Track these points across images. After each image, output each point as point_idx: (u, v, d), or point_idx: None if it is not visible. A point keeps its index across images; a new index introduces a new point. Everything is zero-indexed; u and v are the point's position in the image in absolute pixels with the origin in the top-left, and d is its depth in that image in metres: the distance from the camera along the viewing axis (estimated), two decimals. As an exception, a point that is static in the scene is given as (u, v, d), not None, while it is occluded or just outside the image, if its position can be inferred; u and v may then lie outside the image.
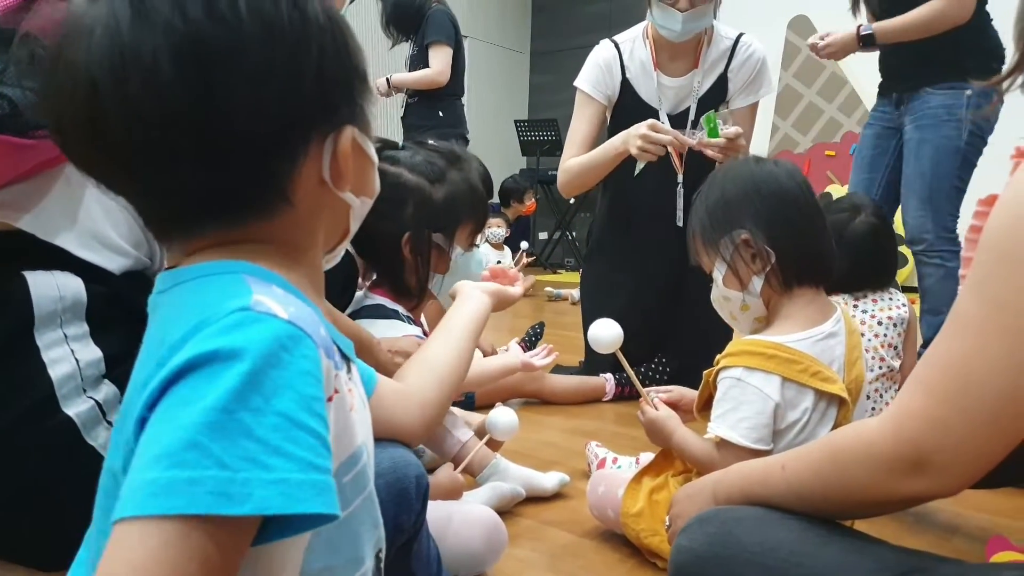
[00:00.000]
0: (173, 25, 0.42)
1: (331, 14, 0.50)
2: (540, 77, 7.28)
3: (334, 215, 0.55)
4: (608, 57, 2.05)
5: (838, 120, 5.26)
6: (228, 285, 0.45)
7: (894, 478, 0.65)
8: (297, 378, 0.41)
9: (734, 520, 0.83)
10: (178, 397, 0.39)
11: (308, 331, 0.44)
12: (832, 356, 0.99)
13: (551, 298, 4.44)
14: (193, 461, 0.37)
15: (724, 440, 0.98)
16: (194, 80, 0.43)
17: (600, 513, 1.18)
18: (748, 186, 1.04)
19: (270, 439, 0.39)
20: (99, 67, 0.42)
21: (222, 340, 0.40)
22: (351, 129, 0.52)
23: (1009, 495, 1.38)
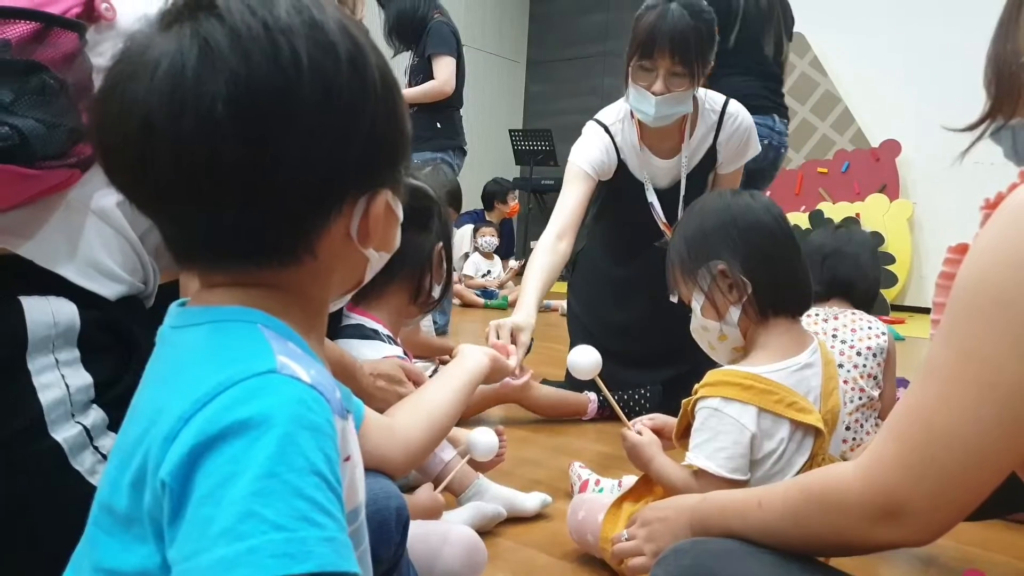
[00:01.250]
0: (236, 72, 0.43)
1: (387, 80, 0.51)
2: (536, 87, 7.30)
3: (352, 267, 0.56)
4: (605, 144, 1.99)
5: (831, 138, 5.29)
6: (247, 339, 0.46)
7: (867, 525, 0.65)
8: (323, 440, 0.43)
9: (709, 553, 0.83)
10: (221, 473, 0.39)
11: (327, 396, 0.45)
12: (808, 387, 1.00)
13: (540, 309, 4.43)
14: (250, 531, 0.38)
15: (702, 470, 0.99)
16: (248, 129, 0.44)
17: (579, 537, 1.18)
18: (725, 218, 1.06)
19: (316, 498, 0.40)
20: (157, 104, 0.43)
21: (253, 406, 0.41)
22: (387, 192, 0.53)
23: (987, 526, 1.38)
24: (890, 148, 4.98)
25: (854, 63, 5.16)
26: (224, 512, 0.38)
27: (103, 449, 0.80)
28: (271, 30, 0.44)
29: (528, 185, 6.41)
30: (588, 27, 6.71)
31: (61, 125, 0.74)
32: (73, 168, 0.77)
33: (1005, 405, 0.58)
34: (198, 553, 0.38)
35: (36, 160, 0.73)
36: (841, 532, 0.68)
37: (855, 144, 5.15)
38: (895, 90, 4.94)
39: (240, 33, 0.44)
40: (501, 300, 4.53)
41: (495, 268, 4.84)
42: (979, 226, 0.64)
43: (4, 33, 0.72)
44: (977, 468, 0.60)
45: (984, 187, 2.20)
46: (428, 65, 3.23)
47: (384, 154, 0.52)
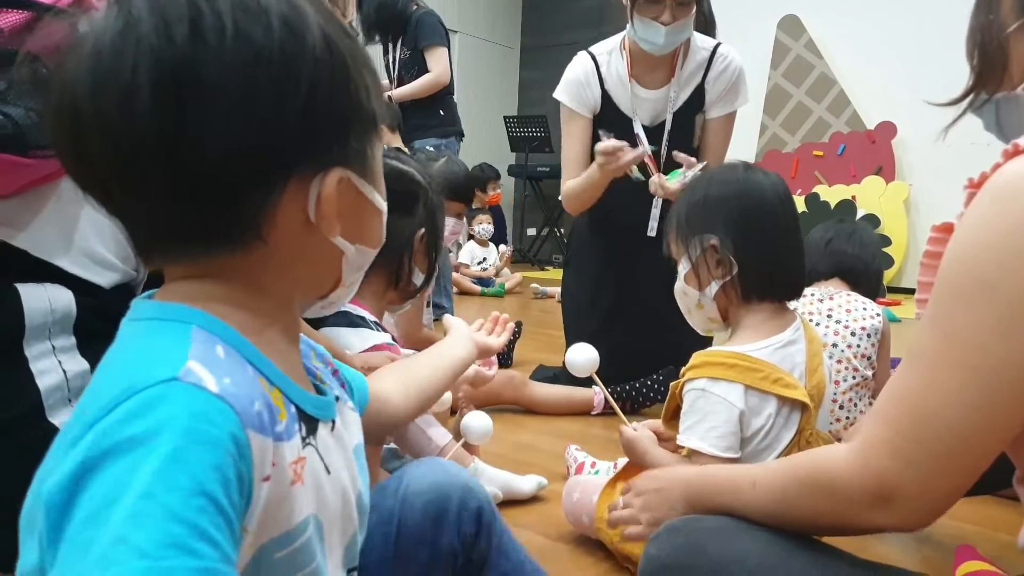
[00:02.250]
0: (153, 44, 0.41)
1: (334, 46, 0.46)
2: (530, 73, 7.27)
3: (322, 260, 0.52)
4: (586, 70, 2.04)
5: (826, 120, 5.28)
6: (170, 340, 0.44)
7: (859, 510, 0.65)
8: (219, 456, 0.39)
9: (702, 530, 0.84)
10: (104, 494, 0.36)
11: (237, 407, 0.41)
12: (793, 363, 1.01)
13: (537, 295, 4.44)
14: (116, 558, 0.35)
15: (695, 451, 0.99)
16: (168, 105, 0.41)
17: (575, 518, 1.19)
18: (730, 191, 1.05)
19: (197, 522, 0.36)
20: (82, 85, 0.42)
21: (145, 421, 0.38)
22: (339, 171, 0.48)
23: (979, 503, 1.39)
24: (886, 130, 4.97)
25: (849, 45, 5.14)
26: (102, 537, 0.35)
27: None
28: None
29: (524, 172, 6.40)
30: (582, 13, 6.67)
31: None
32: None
33: (988, 387, 0.58)
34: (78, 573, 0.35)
35: (30, 149, 0.74)
36: (834, 516, 0.68)
37: (851, 127, 5.14)
38: (891, 72, 4.92)
39: (160, 1, 0.41)
40: (498, 288, 4.53)
41: (491, 256, 4.84)
42: (963, 205, 0.63)
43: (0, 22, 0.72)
44: (964, 451, 0.60)
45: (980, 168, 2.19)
46: (421, 57, 3.22)
47: (330, 127, 0.47)
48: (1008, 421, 0.59)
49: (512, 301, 4.36)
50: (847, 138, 5.13)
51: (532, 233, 6.70)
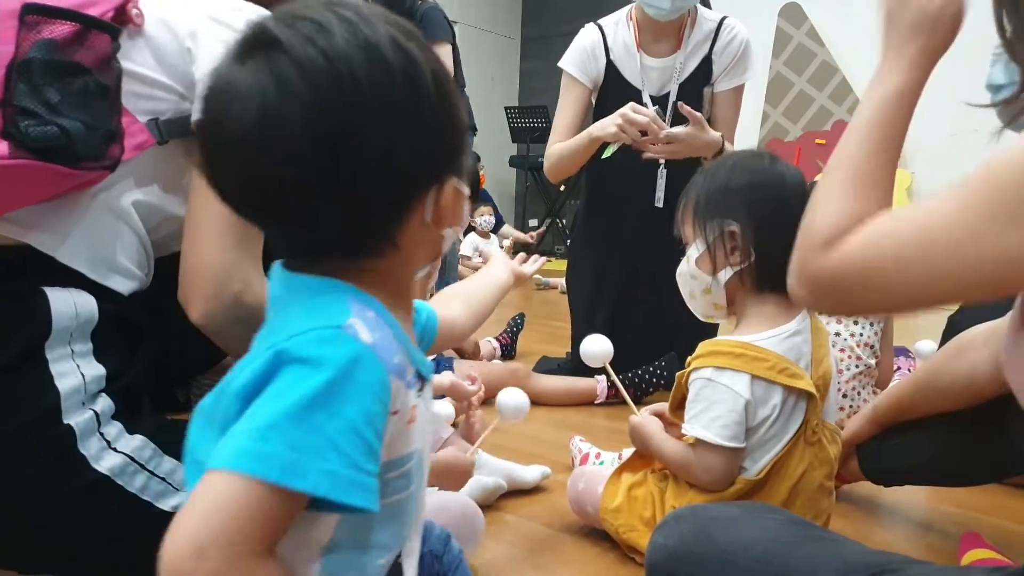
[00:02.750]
0: (307, 101, 0.49)
1: (441, 83, 0.55)
2: (531, 63, 7.24)
3: (431, 246, 0.62)
4: (593, 40, 2.05)
5: (828, 108, 5.25)
6: (333, 302, 0.54)
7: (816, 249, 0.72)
8: (365, 394, 0.50)
9: (709, 519, 0.84)
10: (277, 387, 0.49)
11: (383, 357, 0.52)
12: (799, 353, 1.00)
13: (539, 286, 4.44)
14: (272, 439, 0.47)
15: (699, 440, 0.99)
16: (324, 149, 0.50)
17: (579, 509, 1.19)
18: (755, 180, 1.03)
19: (333, 438, 0.48)
20: (250, 136, 0.50)
21: (314, 350, 0.49)
22: (454, 181, 0.59)
23: (985, 491, 1.40)
24: (888, 118, 4.95)
25: (852, 33, 5.10)
26: (263, 417, 0.47)
27: (108, 436, 0.81)
28: (332, 60, 0.50)
29: (525, 163, 6.38)
30: (583, 2, 6.61)
31: (100, 128, 0.78)
32: (106, 170, 0.80)
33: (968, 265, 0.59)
34: (232, 436, 0.48)
35: (79, 161, 0.76)
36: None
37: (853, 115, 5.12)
38: (893, 59, 4.90)
39: (306, 66, 0.50)
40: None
41: (491, 247, 4.84)
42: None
43: (52, 33, 0.74)
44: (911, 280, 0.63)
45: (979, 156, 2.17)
46: None
47: (446, 150, 0.57)
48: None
49: (514, 292, 4.35)
50: (849, 126, 5.12)
51: (534, 224, 6.69)
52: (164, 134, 0.87)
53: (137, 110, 0.85)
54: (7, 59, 0.71)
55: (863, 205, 0.70)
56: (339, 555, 0.54)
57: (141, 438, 0.83)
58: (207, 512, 0.46)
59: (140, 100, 0.86)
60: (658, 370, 1.97)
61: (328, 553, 0.54)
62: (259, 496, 0.46)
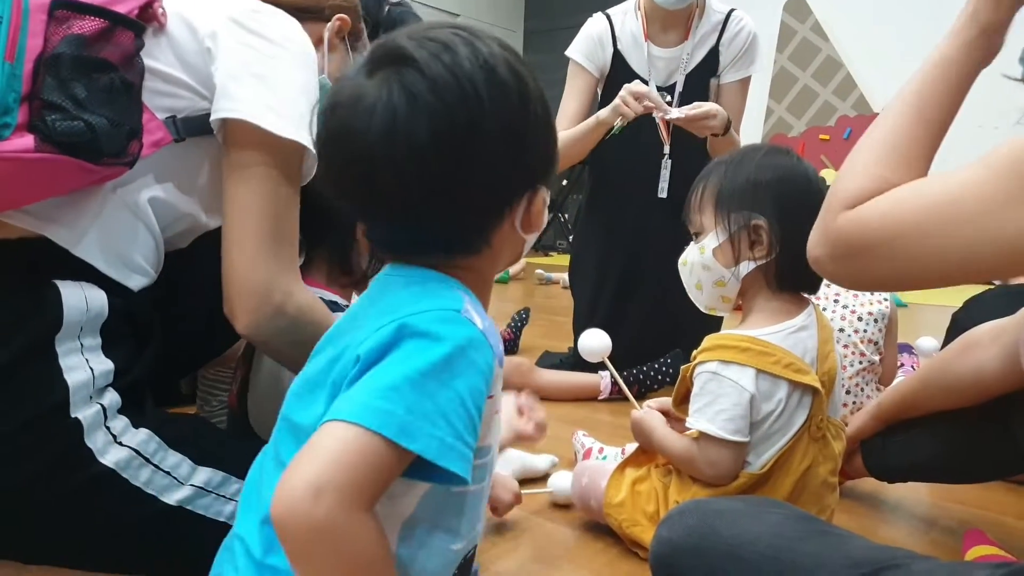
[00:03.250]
0: (436, 113, 0.55)
1: (544, 105, 0.62)
2: (533, 56, 7.21)
3: (515, 248, 0.67)
4: (600, 29, 2.06)
5: (832, 104, 5.25)
6: (449, 290, 0.60)
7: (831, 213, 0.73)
8: (475, 372, 0.55)
9: (714, 513, 0.84)
10: (399, 355, 0.53)
11: (491, 342, 0.58)
12: (804, 348, 1.00)
13: (541, 281, 4.44)
14: (394, 399, 0.51)
15: (703, 433, 0.99)
16: (447, 156, 0.56)
17: (583, 503, 1.19)
18: (782, 176, 1.03)
19: (444, 407, 0.52)
20: (378, 141, 0.56)
21: (436, 326, 0.55)
22: (543, 191, 0.65)
23: (988, 488, 1.40)
24: (892, 114, 4.94)
25: (856, 27, 5.09)
26: (385, 378, 0.52)
27: (114, 430, 0.81)
28: (458, 77, 0.56)
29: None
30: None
31: (123, 124, 0.79)
32: (125, 166, 0.81)
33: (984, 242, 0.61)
34: (355, 392, 0.52)
35: (102, 157, 0.77)
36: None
37: (857, 110, 5.11)
38: (898, 54, 4.88)
39: (437, 82, 0.55)
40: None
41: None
42: None
43: (81, 28, 0.75)
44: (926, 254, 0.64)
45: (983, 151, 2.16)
46: None
47: (544, 163, 0.64)
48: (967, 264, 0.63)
49: (517, 287, 4.36)
50: (853, 121, 5.10)
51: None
52: (182, 131, 0.88)
53: (156, 107, 0.86)
54: (35, 53, 0.72)
55: (891, 173, 0.70)
56: (416, 531, 0.58)
57: (146, 432, 0.84)
58: (329, 456, 0.49)
59: (159, 97, 0.87)
60: (663, 367, 1.97)
61: (407, 527, 0.58)
62: (377, 449, 0.49)
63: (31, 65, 0.72)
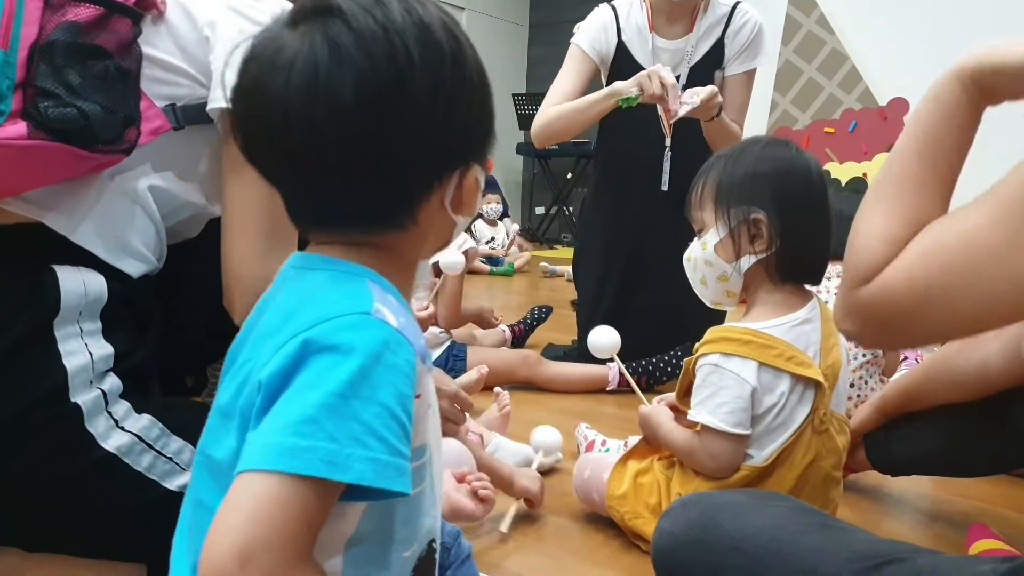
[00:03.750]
0: (362, 69, 0.50)
1: (481, 71, 0.58)
2: (539, 50, 7.20)
3: (443, 230, 0.62)
4: (605, 19, 2.06)
5: (838, 97, 5.21)
6: (355, 287, 0.54)
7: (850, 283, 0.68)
8: (397, 377, 0.50)
9: (716, 506, 0.84)
10: (304, 380, 0.48)
11: (411, 340, 0.52)
12: (808, 342, 1.00)
13: (546, 274, 4.43)
14: (310, 433, 0.45)
15: (705, 426, 0.99)
16: (370, 117, 0.51)
17: (585, 496, 1.19)
18: (781, 169, 1.02)
19: (372, 424, 0.47)
20: (295, 96, 0.50)
21: (344, 336, 0.49)
22: (476, 168, 0.60)
23: (991, 482, 1.39)
24: (898, 107, 4.90)
25: (861, 20, 5.05)
26: (295, 411, 0.46)
27: (115, 415, 0.81)
28: (388, 32, 0.51)
29: (532, 150, 6.36)
30: (591, -12, 6.59)
31: (118, 111, 0.77)
32: (122, 153, 0.80)
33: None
34: (263, 434, 0.47)
35: (96, 144, 0.76)
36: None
37: (862, 103, 5.07)
38: (903, 47, 4.85)
39: (364, 35, 0.50)
40: (507, 267, 4.53)
41: (499, 235, 4.83)
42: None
43: (76, 15, 0.74)
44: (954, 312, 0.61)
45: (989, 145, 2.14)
46: None
47: (478, 136, 0.59)
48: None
49: (521, 280, 4.35)
50: (859, 115, 5.07)
51: (541, 212, 6.67)
52: (181, 120, 0.88)
53: (155, 95, 0.86)
54: (30, 40, 0.72)
55: (904, 230, 0.65)
56: (362, 548, 0.54)
57: (149, 418, 0.84)
58: (250, 516, 0.44)
59: (158, 85, 0.86)
60: (673, 359, 1.97)
61: (352, 546, 0.53)
62: (303, 495, 0.45)
63: (25, 52, 0.71)
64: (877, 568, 0.69)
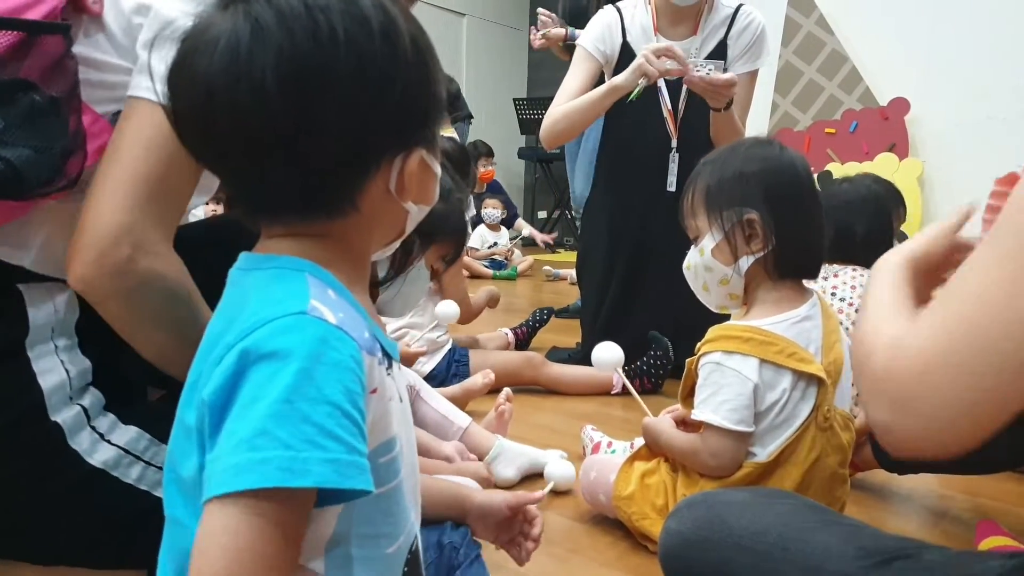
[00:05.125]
0: (282, 47, 0.49)
1: (419, 47, 0.55)
2: (539, 54, 7.20)
3: (393, 219, 0.60)
4: (610, 20, 2.08)
5: (838, 98, 5.21)
6: (293, 285, 0.52)
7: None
8: (342, 374, 0.48)
9: (723, 504, 0.84)
10: (247, 394, 0.47)
11: (353, 335, 0.51)
12: (809, 338, 1.00)
13: (549, 277, 4.43)
14: (263, 445, 0.44)
15: (707, 424, 0.99)
16: (293, 97, 0.49)
17: (592, 498, 1.19)
18: (769, 168, 1.03)
19: (324, 424, 0.46)
20: (217, 75, 0.49)
21: (280, 341, 0.47)
22: (420, 151, 0.57)
23: (999, 479, 1.39)
24: (898, 107, 4.90)
25: (861, 21, 5.06)
26: (245, 427, 0.45)
27: (100, 428, 0.80)
28: (310, 8, 0.49)
29: (534, 155, 6.37)
30: (590, -8, 6.61)
31: (53, 147, 0.70)
32: (64, 189, 0.73)
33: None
34: (219, 458, 0.45)
35: (29, 192, 0.69)
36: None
37: (863, 103, 5.07)
38: (903, 47, 4.85)
39: (285, 12, 0.49)
40: (510, 271, 4.53)
41: (501, 239, 4.84)
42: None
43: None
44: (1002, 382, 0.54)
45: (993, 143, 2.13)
46: None
47: (416, 117, 0.56)
48: None
49: (523, 284, 4.36)
50: (859, 115, 5.07)
51: (543, 216, 6.68)
52: None
53: (98, 101, 0.77)
54: None
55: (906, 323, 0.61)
56: (343, 548, 0.53)
57: (136, 429, 0.82)
58: (230, 555, 0.43)
59: (100, 90, 0.78)
60: (653, 359, 1.96)
61: (333, 547, 0.53)
62: (272, 511, 0.44)
63: None
64: (885, 564, 0.69)
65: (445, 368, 1.89)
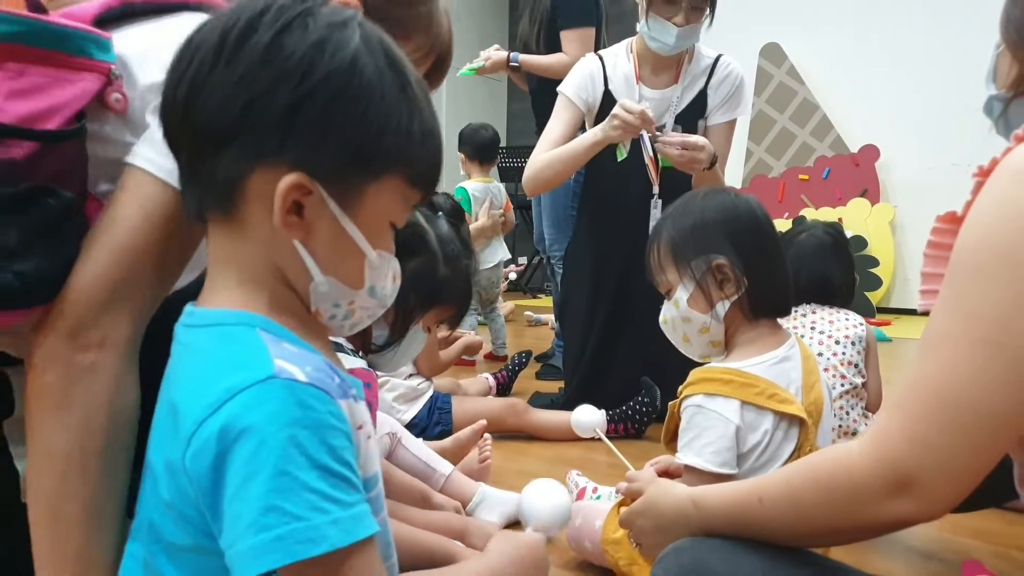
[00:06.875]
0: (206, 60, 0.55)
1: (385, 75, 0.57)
2: (517, 104, 7.35)
3: (292, 261, 0.58)
4: (592, 68, 2.12)
5: (810, 145, 5.34)
6: (248, 345, 0.52)
7: (877, 502, 0.63)
8: (325, 433, 0.49)
9: (708, 549, 0.83)
10: (241, 474, 0.47)
11: (325, 387, 0.51)
12: (788, 379, 1.01)
13: (531, 323, 4.44)
14: (274, 522, 0.46)
15: (690, 467, 0.99)
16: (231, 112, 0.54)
17: (577, 545, 1.18)
18: (729, 214, 1.06)
19: (321, 488, 0.48)
20: (184, 89, 0.55)
21: (256, 414, 0.48)
22: (301, 176, 0.55)
23: (983, 517, 1.39)
24: (869, 153, 5.04)
25: (830, 70, 5.22)
26: (249, 507, 0.46)
27: None
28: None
29: (514, 201, 6.41)
30: (567, 44, 6.76)
31: (64, 252, 0.67)
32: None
33: (1015, 364, 0.56)
34: (234, 543, 0.47)
35: (33, 303, 0.66)
36: (851, 513, 0.66)
37: (835, 150, 5.20)
38: (872, 96, 5.01)
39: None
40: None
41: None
42: (971, 194, 0.64)
43: (9, 152, 0.62)
44: (986, 433, 0.58)
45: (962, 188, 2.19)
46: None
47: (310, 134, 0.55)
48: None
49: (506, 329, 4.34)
50: (831, 162, 5.20)
51: (523, 262, 6.71)
52: None
53: (102, 179, 0.73)
54: None
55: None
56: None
57: None
58: None
59: (104, 167, 0.72)
60: (640, 404, 1.95)
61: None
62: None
63: None
64: (871, 605, 0.68)
65: (427, 415, 1.87)
